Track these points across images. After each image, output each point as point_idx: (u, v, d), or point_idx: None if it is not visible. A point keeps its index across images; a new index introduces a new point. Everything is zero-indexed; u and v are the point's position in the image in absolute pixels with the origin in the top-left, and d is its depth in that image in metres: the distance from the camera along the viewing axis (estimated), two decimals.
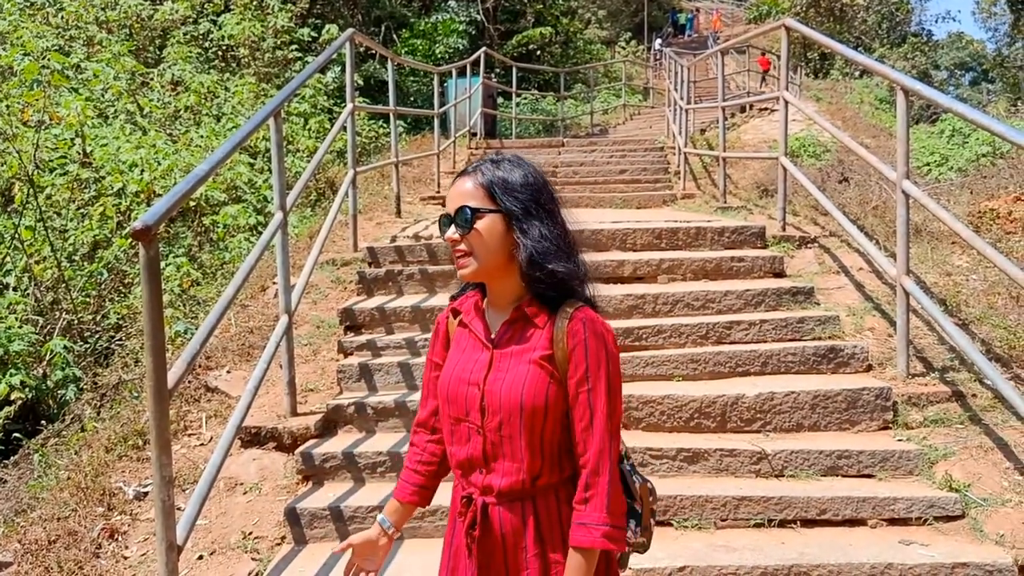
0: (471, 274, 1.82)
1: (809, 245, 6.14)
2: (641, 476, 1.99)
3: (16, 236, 6.76)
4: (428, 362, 2.02)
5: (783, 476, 3.87)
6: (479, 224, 1.80)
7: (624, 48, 34.26)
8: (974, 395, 4.23)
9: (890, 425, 4.17)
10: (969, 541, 3.38)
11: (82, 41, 11.25)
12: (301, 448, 4.03)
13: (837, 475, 3.86)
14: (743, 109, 15.76)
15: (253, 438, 4.18)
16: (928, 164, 12.62)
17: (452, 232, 1.81)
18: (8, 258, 6.85)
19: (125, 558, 3.50)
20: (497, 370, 1.82)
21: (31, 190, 6.79)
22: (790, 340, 4.83)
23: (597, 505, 1.74)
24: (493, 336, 1.87)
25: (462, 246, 1.81)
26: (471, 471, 1.84)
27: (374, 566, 2.02)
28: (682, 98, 11.54)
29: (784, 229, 6.35)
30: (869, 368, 4.57)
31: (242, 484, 3.95)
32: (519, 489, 1.81)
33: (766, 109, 15.25)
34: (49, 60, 8.36)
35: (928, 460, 3.85)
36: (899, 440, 4.03)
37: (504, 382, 1.79)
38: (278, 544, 3.60)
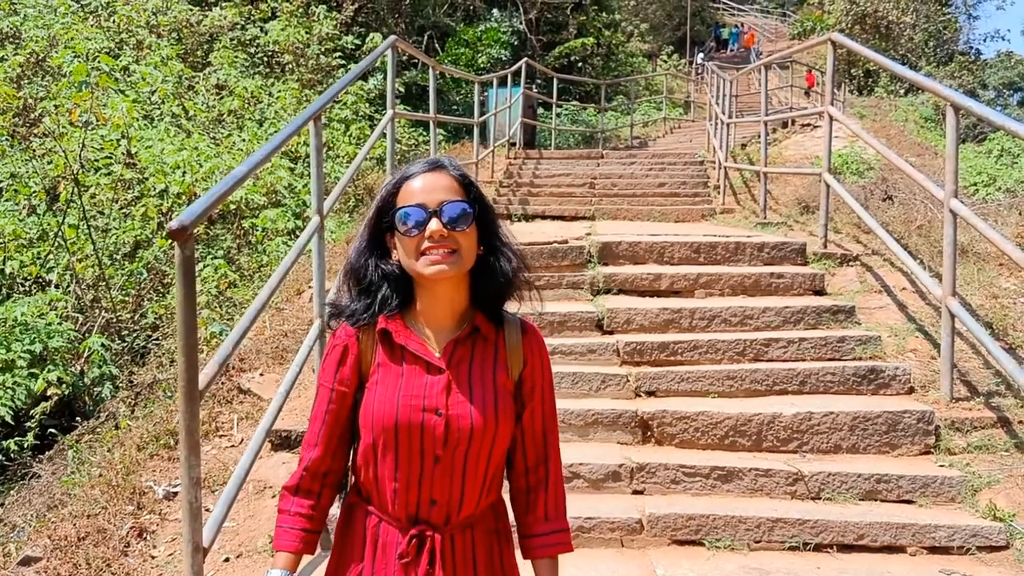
0: (452, 275, 1.65)
1: (851, 263, 6.03)
2: None
3: (60, 234, 6.87)
4: (326, 391, 1.76)
5: (820, 499, 3.78)
6: (469, 223, 1.67)
7: (666, 61, 34.10)
8: (1021, 421, 4.10)
9: (932, 450, 4.06)
10: (1014, 573, 3.26)
11: (132, 44, 11.44)
12: None
13: (876, 500, 3.77)
14: (785, 124, 15.57)
15: (283, 441, 4.18)
16: (975, 184, 12.38)
17: (436, 226, 1.62)
18: (51, 255, 6.96)
19: (152, 557, 3.50)
20: (457, 393, 1.67)
21: (76, 189, 6.90)
22: (829, 359, 4.74)
23: (561, 513, 1.80)
24: (439, 355, 1.70)
25: (449, 242, 1.64)
26: (420, 505, 1.68)
27: None
28: (723, 112, 11.44)
29: (825, 246, 6.24)
30: (911, 391, 4.46)
31: (271, 487, 3.94)
32: (469, 515, 1.71)
33: (808, 125, 15.05)
34: (99, 62, 8.50)
35: (971, 487, 3.73)
36: (941, 466, 3.92)
37: (472, 406, 1.67)
38: None
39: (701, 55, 34.25)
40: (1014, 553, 3.37)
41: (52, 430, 5.28)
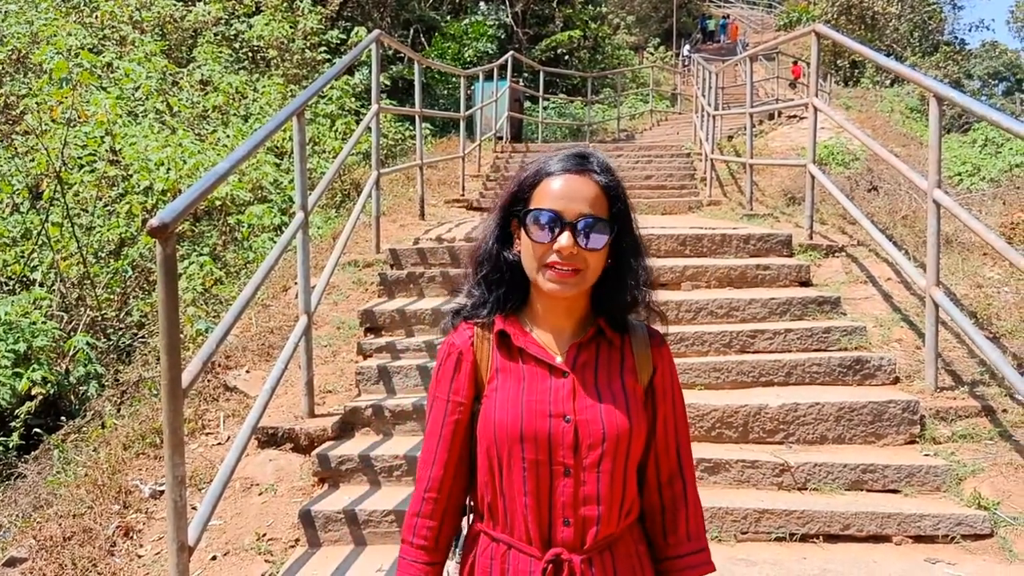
0: (572, 295, 1.54)
1: (836, 254, 6.04)
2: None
3: (43, 232, 6.82)
4: (442, 403, 1.63)
5: (806, 489, 3.79)
6: (603, 243, 1.53)
7: (652, 54, 34.12)
8: (1005, 410, 4.12)
9: (917, 439, 4.08)
10: (998, 561, 3.28)
11: (115, 40, 11.36)
12: (317, 450, 4.01)
13: (862, 490, 3.78)
14: (771, 116, 15.61)
15: (270, 439, 4.17)
16: (959, 174, 12.44)
17: (566, 241, 1.49)
18: (35, 254, 6.92)
19: (139, 556, 3.49)
20: (584, 397, 1.55)
21: (59, 186, 6.85)
22: (815, 350, 4.75)
23: (702, 531, 1.68)
24: (561, 358, 1.58)
25: (577, 260, 1.50)
26: (552, 525, 1.53)
27: None
28: (709, 104, 11.45)
29: (811, 237, 6.25)
30: (896, 380, 4.48)
31: (258, 485, 3.93)
32: (609, 535, 1.56)
33: (794, 116, 15.09)
34: (80, 59, 8.43)
35: (956, 476, 3.75)
36: (926, 455, 3.93)
37: (602, 409, 1.54)
38: (292, 546, 3.58)
39: (688, 47, 34.21)
40: (998, 541, 3.39)
41: (37, 429, 5.24)
